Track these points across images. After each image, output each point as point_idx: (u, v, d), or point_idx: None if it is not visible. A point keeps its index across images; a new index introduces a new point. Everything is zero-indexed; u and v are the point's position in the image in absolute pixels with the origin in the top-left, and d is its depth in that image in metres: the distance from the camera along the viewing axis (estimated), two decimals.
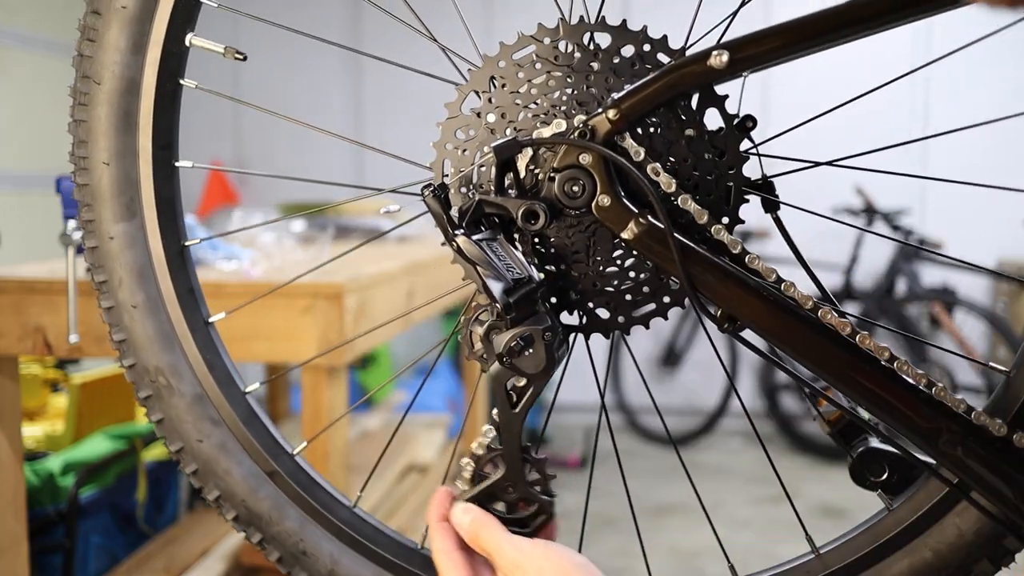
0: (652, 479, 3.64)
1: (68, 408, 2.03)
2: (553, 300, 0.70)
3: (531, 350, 0.63)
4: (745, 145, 0.67)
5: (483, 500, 0.69)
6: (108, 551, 1.96)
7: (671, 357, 4.41)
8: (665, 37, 0.67)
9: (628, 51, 0.67)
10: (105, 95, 0.72)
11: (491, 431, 0.68)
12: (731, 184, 0.67)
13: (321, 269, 1.58)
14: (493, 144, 0.65)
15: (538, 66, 0.68)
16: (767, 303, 0.64)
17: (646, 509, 3.30)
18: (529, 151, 0.68)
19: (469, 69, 0.70)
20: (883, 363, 0.63)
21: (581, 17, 0.68)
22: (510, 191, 0.67)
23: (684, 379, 4.39)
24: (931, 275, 4.13)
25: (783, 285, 0.65)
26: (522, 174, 0.68)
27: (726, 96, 0.66)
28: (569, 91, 0.68)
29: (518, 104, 0.69)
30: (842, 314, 0.65)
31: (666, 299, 0.69)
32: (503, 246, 0.66)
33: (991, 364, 0.71)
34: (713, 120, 0.67)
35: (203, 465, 0.74)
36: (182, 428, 0.74)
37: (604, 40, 0.67)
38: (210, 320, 0.77)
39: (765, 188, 0.69)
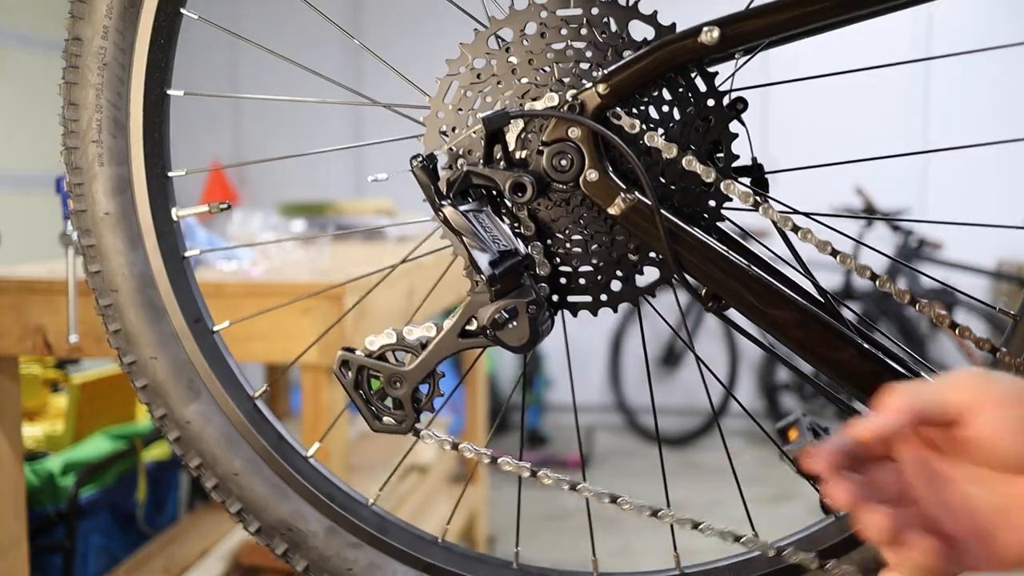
0: (652, 479, 3.63)
1: (68, 408, 2.03)
2: (583, 282, 0.70)
3: (515, 323, 0.63)
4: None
5: (363, 375, 0.69)
6: (108, 551, 1.96)
7: (671, 357, 4.41)
8: None
9: (531, 28, 0.67)
10: (126, 297, 0.74)
11: (433, 329, 0.68)
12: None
13: (321, 269, 1.58)
14: (481, 115, 0.65)
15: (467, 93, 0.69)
16: (751, 283, 0.64)
17: None
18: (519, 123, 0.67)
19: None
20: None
21: (480, 28, 0.69)
22: (499, 163, 0.67)
23: (683, 379, 4.39)
24: (931, 275, 4.13)
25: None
26: (511, 146, 0.68)
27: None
28: (501, 100, 0.68)
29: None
30: (822, 291, 0.65)
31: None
32: (490, 218, 0.66)
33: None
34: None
35: None
36: (330, 565, 0.74)
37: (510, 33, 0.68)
38: (309, 454, 0.78)
39: (754, 171, 0.68)
